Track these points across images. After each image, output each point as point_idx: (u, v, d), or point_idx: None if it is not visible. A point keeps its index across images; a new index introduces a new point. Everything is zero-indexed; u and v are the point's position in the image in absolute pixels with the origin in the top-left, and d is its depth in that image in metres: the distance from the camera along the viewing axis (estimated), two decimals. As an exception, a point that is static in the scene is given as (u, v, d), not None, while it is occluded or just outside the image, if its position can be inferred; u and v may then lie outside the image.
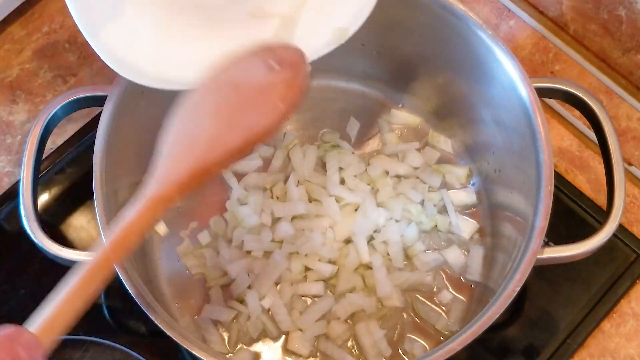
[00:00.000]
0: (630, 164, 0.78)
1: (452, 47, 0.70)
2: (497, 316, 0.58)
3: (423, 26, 0.71)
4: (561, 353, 0.71)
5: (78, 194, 0.77)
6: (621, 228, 0.74)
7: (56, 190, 0.77)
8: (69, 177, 0.78)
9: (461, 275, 0.72)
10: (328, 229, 0.73)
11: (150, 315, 0.57)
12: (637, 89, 0.80)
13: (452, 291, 0.72)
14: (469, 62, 0.69)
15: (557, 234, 0.67)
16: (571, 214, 0.76)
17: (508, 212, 0.71)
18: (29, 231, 0.61)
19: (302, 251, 0.71)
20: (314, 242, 0.71)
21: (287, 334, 0.69)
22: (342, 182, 0.76)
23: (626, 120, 0.80)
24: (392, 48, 0.76)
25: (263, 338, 0.70)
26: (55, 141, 0.79)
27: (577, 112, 0.68)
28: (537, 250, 0.59)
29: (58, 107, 0.66)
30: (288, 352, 0.69)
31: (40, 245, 0.61)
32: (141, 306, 0.58)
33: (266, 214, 0.73)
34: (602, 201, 0.72)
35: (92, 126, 0.76)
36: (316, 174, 0.76)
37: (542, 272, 0.70)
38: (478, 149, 0.76)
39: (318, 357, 0.69)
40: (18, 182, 0.65)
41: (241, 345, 0.69)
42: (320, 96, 0.80)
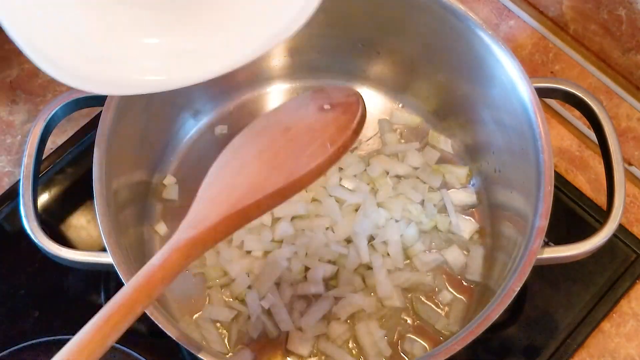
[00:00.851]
0: (630, 164, 0.78)
1: (452, 47, 0.70)
2: (497, 316, 0.57)
3: (423, 26, 0.71)
4: (561, 353, 0.71)
5: (78, 194, 0.76)
6: (621, 228, 0.74)
7: (56, 190, 0.77)
8: (69, 177, 0.78)
9: (461, 275, 0.72)
10: (328, 229, 0.73)
11: (150, 315, 0.57)
12: (637, 89, 0.80)
13: (452, 291, 0.72)
14: (469, 62, 0.69)
15: (557, 234, 0.67)
16: (571, 214, 0.76)
17: (508, 212, 0.71)
18: (29, 231, 0.61)
19: (302, 251, 0.71)
20: (314, 242, 0.71)
21: (287, 334, 0.69)
22: (342, 182, 0.75)
23: (626, 120, 0.80)
24: (392, 48, 0.76)
25: (263, 338, 0.70)
26: (55, 141, 0.79)
27: (577, 112, 0.68)
28: (537, 250, 0.59)
29: (58, 107, 0.66)
30: (288, 352, 0.69)
31: (40, 245, 0.61)
32: (141, 306, 0.58)
33: (266, 214, 0.73)
34: (602, 201, 0.72)
35: (92, 126, 0.77)
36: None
37: (542, 272, 0.70)
38: (478, 149, 0.76)
39: (318, 357, 0.69)
40: (18, 182, 0.65)
41: (241, 345, 0.69)
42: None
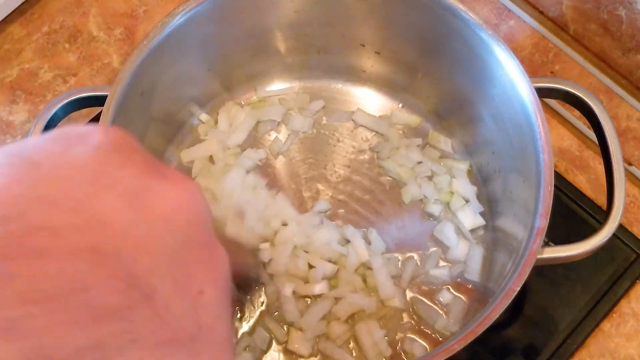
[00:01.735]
0: (630, 164, 0.78)
1: (452, 47, 0.70)
2: (497, 316, 0.57)
3: (423, 26, 0.71)
4: (561, 353, 0.71)
5: (78, 194, 0.76)
6: (621, 228, 0.74)
7: (56, 190, 0.77)
8: (69, 177, 0.78)
9: (461, 275, 0.72)
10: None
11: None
12: (637, 89, 0.80)
13: (452, 291, 0.72)
14: (469, 62, 0.69)
15: (557, 234, 0.67)
16: (571, 214, 0.76)
17: (508, 212, 0.71)
18: (29, 231, 0.61)
19: (303, 248, 0.72)
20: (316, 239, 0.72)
21: (288, 334, 0.69)
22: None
23: (626, 120, 0.80)
24: (392, 48, 0.76)
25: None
26: (55, 141, 0.79)
27: (577, 112, 0.68)
28: (537, 250, 0.59)
29: (58, 107, 0.66)
30: (288, 352, 0.69)
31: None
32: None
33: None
34: (602, 201, 0.72)
35: (92, 126, 0.77)
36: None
37: (542, 272, 0.70)
38: (478, 149, 0.76)
39: (318, 357, 0.69)
40: (18, 182, 0.65)
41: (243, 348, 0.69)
42: (320, 96, 0.80)
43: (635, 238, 0.75)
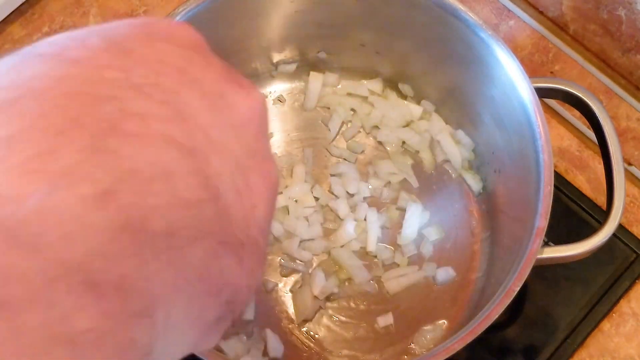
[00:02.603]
0: (630, 164, 0.78)
1: (452, 47, 0.70)
2: (497, 316, 0.58)
3: (423, 26, 0.71)
4: (561, 353, 0.71)
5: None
6: (621, 228, 0.74)
7: (56, 190, 0.77)
8: (69, 177, 0.78)
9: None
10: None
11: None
12: (637, 89, 0.80)
13: (452, 291, 0.72)
14: (469, 62, 0.69)
15: (557, 234, 0.67)
16: (571, 214, 0.76)
17: (508, 212, 0.71)
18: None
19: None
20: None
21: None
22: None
23: (626, 120, 0.80)
24: (392, 48, 0.76)
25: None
26: (55, 141, 0.78)
27: (577, 112, 0.68)
28: (537, 250, 0.59)
29: (58, 107, 0.66)
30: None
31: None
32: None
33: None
34: (602, 201, 0.72)
35: (92, 126, 0.77)
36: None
37: (542, 272, 0.70)
38: (478, 149, 0.76)
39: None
40: (18, 182, 0.65)
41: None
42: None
43: (635, 238, 0.75)
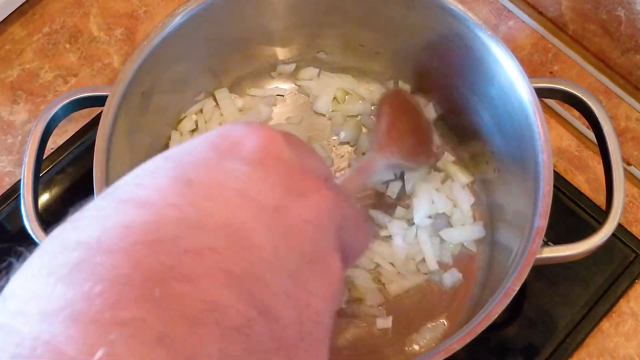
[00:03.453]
0: (629, 164, 0.79)
1: (451, 48, 0.70)
2: (497, 316, 0.58)
3: (422, 26, 0.71)
4: (560, 352, 0.71)
5: (78, 194, 0.77)
6: (620, 228, 0.74)
7: (57, 190, 0.78)
8: (70, 177, 0.78)
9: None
10: None
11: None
12: (636, 89, 0.80)
13: (452, 291, 0.72)
14: (468, 63, 0.69)
15: (557, 234, 0.67)
16: (570, 214, 0.76)
17: (507, 212, 0.71)
18: (30, 231, 0.61)
19: None
20: None
21: None
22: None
23: (625, 120, 0.80)
24: (392, 48, 0.76)
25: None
26: (55, 141, 0.79)
27: (576, 112, 0.68)
28: (537, 250, 0.59)
29: (59, 107, 0.66)
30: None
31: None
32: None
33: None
34: (602, 201, 0.72)
35: (92, 126, 0.77)
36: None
37: (542, 272, 0.70)
38: (477, 149, 0.76)
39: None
40: (19, 182, 0.65)
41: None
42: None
43: (634, 238, 0.75)
